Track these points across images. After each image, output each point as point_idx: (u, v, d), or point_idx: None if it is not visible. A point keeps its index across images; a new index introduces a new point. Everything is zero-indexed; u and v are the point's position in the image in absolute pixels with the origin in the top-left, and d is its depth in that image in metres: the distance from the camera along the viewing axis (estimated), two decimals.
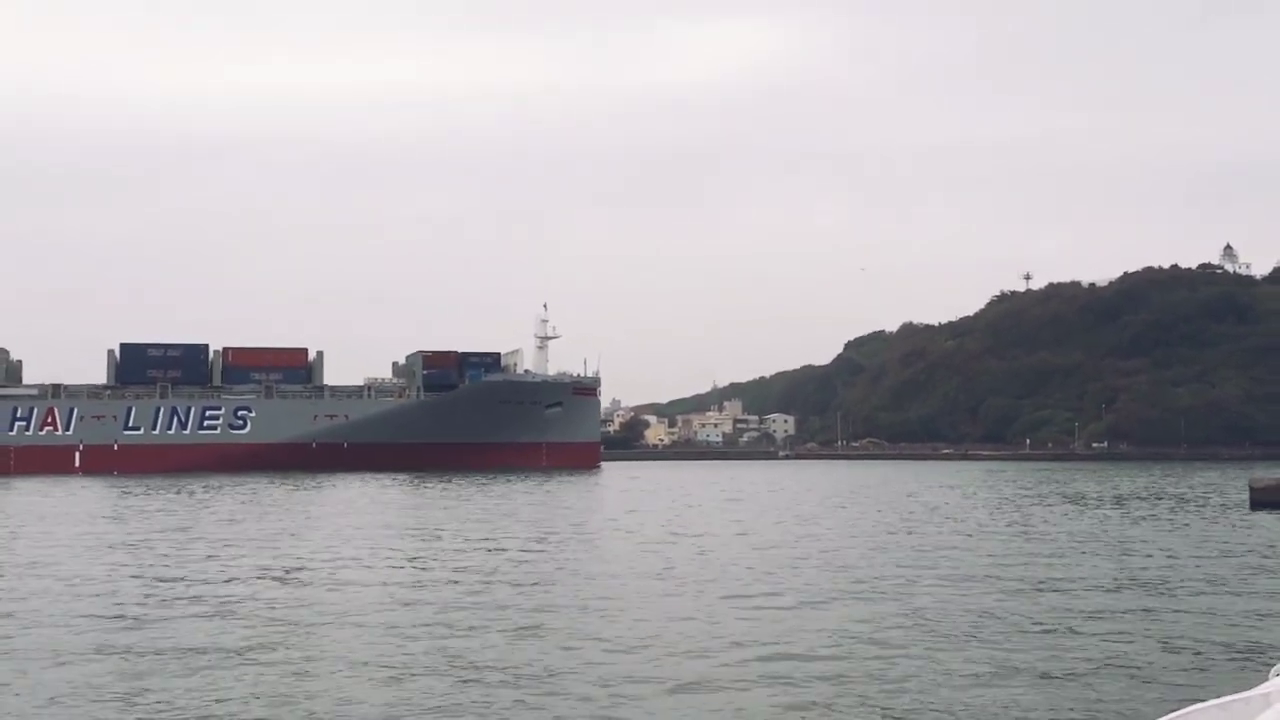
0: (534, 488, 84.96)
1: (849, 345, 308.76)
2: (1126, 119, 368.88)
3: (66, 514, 58.07)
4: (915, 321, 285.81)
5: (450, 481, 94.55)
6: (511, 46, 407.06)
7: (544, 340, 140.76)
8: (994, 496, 73.45)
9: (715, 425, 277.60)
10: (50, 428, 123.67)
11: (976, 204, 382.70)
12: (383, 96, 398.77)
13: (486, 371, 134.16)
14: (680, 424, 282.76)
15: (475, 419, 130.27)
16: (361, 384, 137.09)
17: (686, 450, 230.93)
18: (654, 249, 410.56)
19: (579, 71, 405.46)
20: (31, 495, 76.63)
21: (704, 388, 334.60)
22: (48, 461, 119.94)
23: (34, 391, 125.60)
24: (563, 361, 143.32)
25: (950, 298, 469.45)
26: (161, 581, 30.43)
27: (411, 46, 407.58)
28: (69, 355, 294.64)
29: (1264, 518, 52.64)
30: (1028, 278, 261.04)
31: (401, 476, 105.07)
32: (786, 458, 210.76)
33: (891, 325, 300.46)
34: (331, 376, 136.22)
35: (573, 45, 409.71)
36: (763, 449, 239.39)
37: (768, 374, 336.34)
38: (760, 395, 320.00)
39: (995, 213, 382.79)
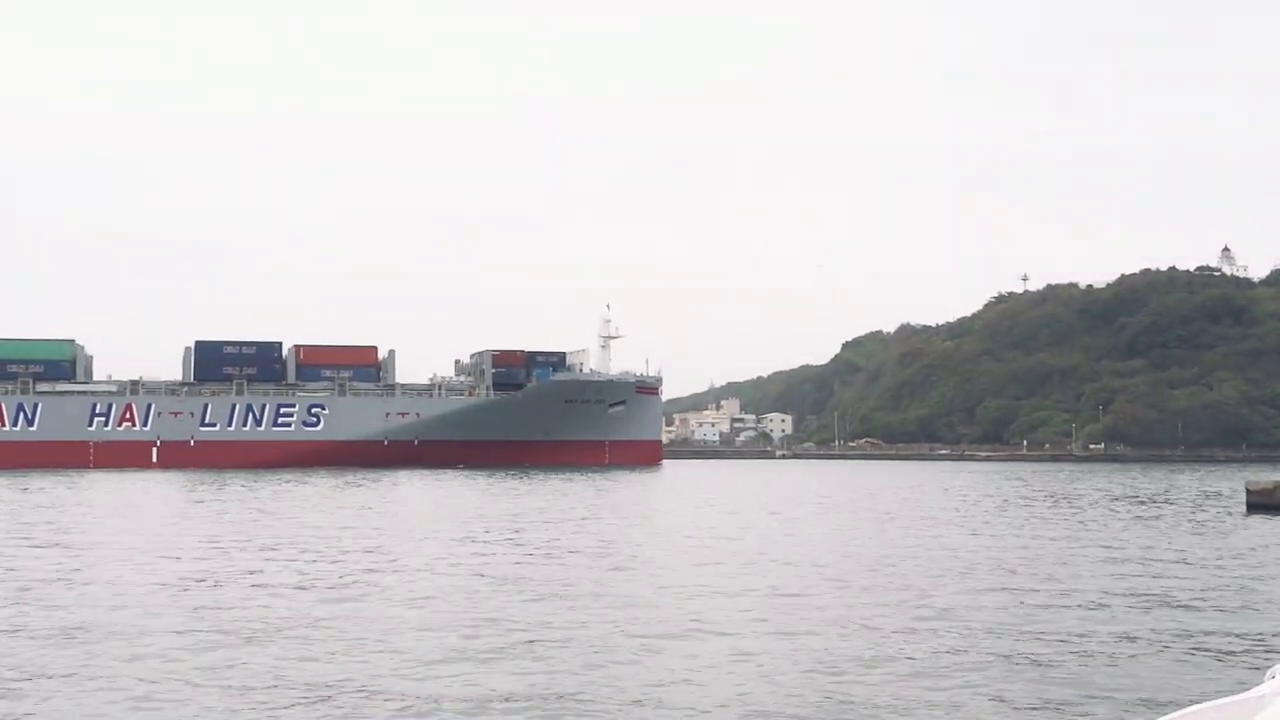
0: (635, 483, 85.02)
1: (846, 345, 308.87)
2: (1125, 118, 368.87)
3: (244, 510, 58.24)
4: (913, 322, 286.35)
5: (547, 479, 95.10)
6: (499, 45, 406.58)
7: (607, 339, 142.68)
8: (999, 500, 73.70)
9: (713, 424, 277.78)
10: (129, 424, 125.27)
11: (974, 204, 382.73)
12: (433, 92, 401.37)
13: (554, 370, 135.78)
14: (677, 422, 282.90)
15: (542, 417, 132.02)
16: (430, 382, 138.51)
17: (683, 449, 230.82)
18: (650, 249, 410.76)
19: (577, 70, 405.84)
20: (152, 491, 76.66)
21: (701, 386, 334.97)
22: (126, 457, 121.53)
23: (113, 388, 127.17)
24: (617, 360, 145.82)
25: (948, 298, 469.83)
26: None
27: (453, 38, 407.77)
28: (137, 350, 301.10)
29: (1260, 520, 52.81)
30: (1025, 279, 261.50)
31: (478, 474, 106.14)
32: (783, 457, 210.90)
33: (889, 325, 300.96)
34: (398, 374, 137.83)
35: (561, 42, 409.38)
36: (759, 448, 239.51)
37: (765, 373, 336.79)
38: (757, 394, 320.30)
39: (993, 213, 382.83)
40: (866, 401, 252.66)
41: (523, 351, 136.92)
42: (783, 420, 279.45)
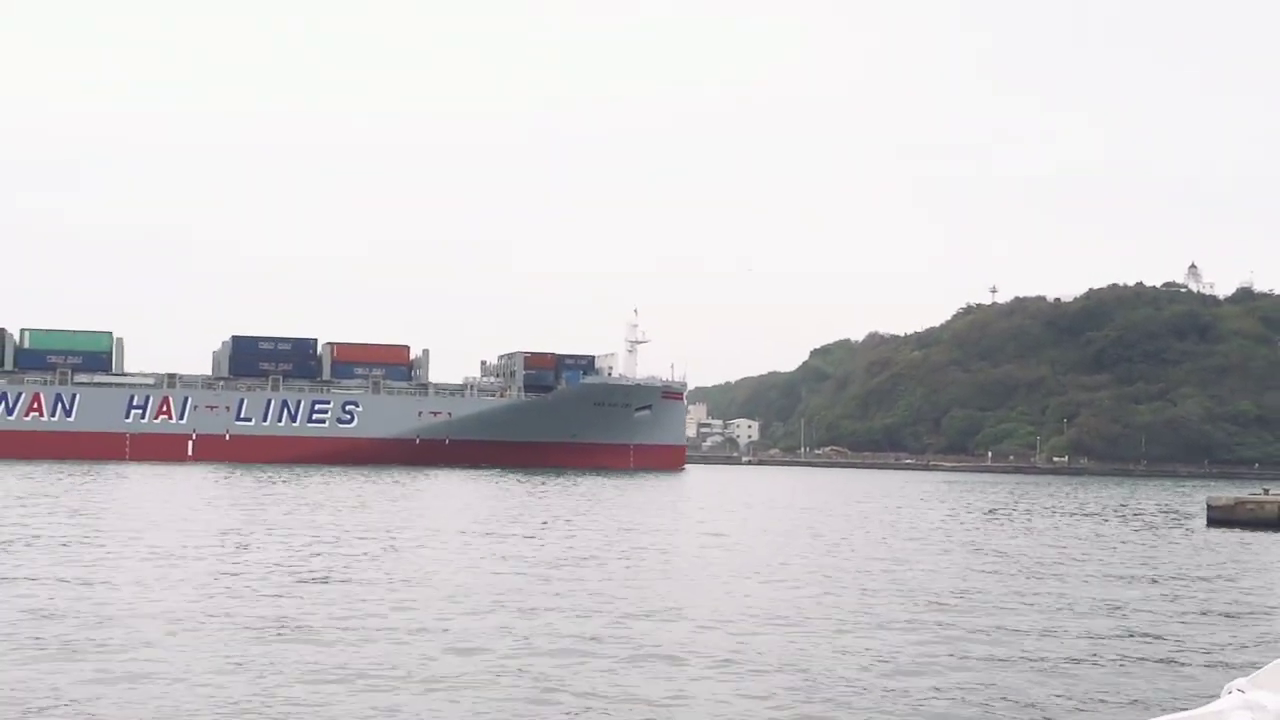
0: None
1: (814, 353, 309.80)
2: (1097, 134, 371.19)
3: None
4: (881, 331, 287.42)
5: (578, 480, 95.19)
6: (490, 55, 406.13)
7: (634, 344, 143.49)
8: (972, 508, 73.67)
9: None
10: (165, 416, 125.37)
11: (944, 215, 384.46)
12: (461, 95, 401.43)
13: (583, 374, 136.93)
14: None
15: (570, 419, 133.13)
16: (463, 382, 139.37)
17: None
18: (620, 252, 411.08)
19: (578, 70, 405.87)
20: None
21: None
22: (161, 449, 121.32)
23: (150, 381, 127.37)
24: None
25: (917, 308, 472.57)
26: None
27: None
28: (167, 344, 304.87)
29: (1220, 535, 53.01)
30: (994, 290, 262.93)
31: (516, 475, 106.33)
32: (749, 463, 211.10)
33: (858, 334, 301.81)
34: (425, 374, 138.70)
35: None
36: (725, 454, 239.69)
37: (732, 379, 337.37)
38: (724, 400, 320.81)
39: (963, 223, 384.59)
40: (833, 409, 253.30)
41: (553, 354, 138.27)
42: (749, 426, 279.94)
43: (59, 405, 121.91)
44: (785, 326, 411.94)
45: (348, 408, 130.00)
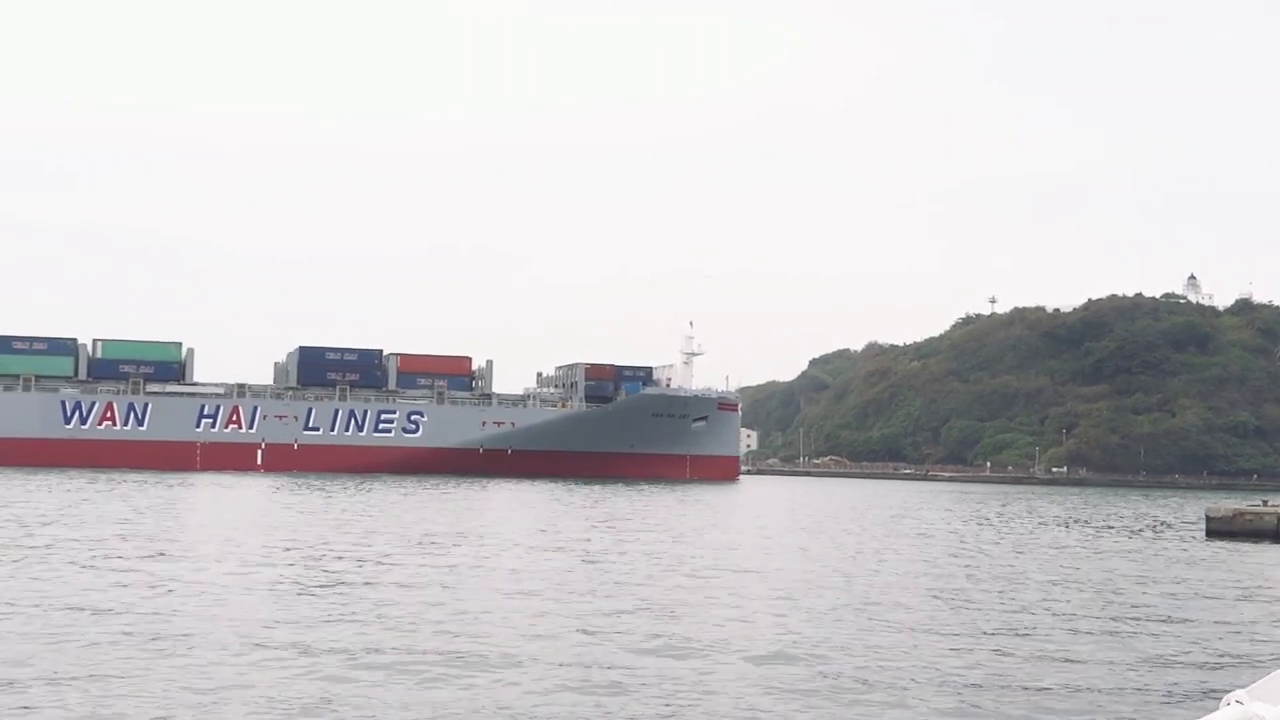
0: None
1: (814, 362, 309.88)
2: (1096, 144, 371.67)
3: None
4: (880, 341, 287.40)
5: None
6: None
7: (690, 356, 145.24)
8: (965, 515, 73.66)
9: None
10: (235, 426, 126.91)
11: (944, 225, 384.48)
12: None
13: (643, 385, 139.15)
14: None
15: (629, 430, 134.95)
16: (524, 393, 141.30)
17: None
18: (621, 261, 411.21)
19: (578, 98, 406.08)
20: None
21: None
22: (232, 459, 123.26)
23: (220, 390, 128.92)
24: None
25: (916, 318, 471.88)
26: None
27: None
28: (229, 354, 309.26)
29: (1219, 546, 52.99)
30: (993, 301, 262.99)
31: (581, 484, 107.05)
32: (748, 473, 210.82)
33: (857, 344, 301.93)
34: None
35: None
36: None
37: (731, 389, 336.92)
38: None
39: (963, 233, 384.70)
40: (832, 419, 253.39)
41: (612, 365, 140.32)
42: (748, 435, 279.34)
43: (131, 414, 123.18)
44: (784, 336, 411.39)
45: (413, 418, 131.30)
